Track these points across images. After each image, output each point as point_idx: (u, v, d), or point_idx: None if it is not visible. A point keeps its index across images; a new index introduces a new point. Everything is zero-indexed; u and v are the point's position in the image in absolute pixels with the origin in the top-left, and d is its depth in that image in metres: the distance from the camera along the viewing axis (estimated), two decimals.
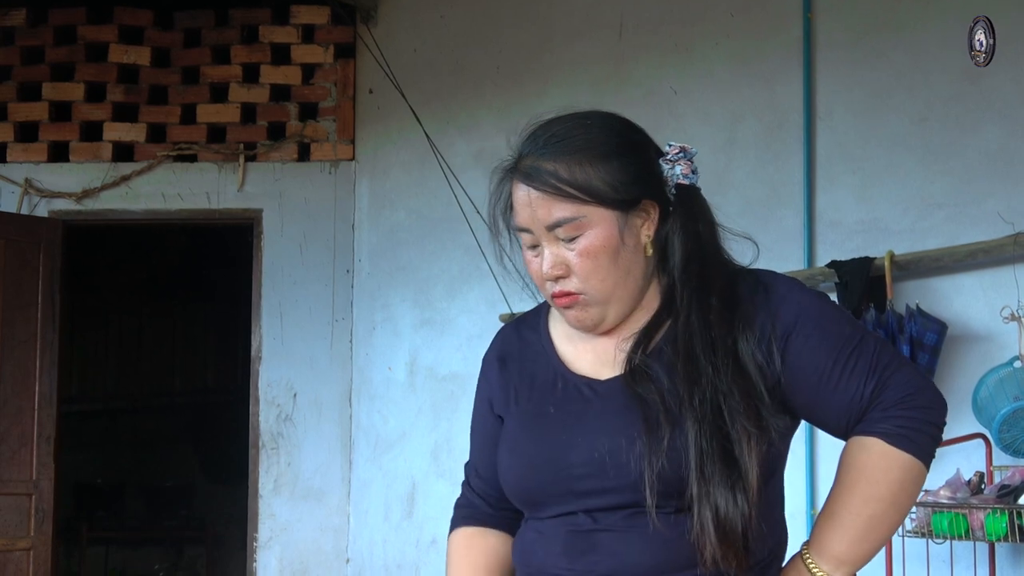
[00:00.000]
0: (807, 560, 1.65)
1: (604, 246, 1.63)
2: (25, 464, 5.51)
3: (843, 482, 1.65)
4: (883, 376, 1.63)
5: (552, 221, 1.63)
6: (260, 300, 5.88)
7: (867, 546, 1.64)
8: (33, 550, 5.48)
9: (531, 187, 1.64)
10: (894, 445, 1.61)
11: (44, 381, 5.60)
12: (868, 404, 1.63)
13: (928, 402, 1.65)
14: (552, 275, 1.66)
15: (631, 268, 1.66)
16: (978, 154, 4.33)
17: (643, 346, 1.66)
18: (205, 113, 5.95)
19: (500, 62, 5.55)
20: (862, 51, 4.61)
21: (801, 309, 1.65)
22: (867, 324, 4.18)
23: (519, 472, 1.70)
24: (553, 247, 1.65)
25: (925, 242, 4.35)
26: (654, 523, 1.57)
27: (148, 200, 5.91)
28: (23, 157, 5.90)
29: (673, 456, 1.56)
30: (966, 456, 4.12)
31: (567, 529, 1.64)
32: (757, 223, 4.80)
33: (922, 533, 3.92)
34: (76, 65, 5.96)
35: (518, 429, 1.72)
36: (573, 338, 1.74)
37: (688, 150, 1.71)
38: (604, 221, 1.63)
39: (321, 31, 5.98)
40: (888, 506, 1.63)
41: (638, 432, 1.58)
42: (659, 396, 1.59)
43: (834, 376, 1.63)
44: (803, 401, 1.65)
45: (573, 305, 1.67)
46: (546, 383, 1.72)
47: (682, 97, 5.03)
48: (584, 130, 1.66)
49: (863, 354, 1.64)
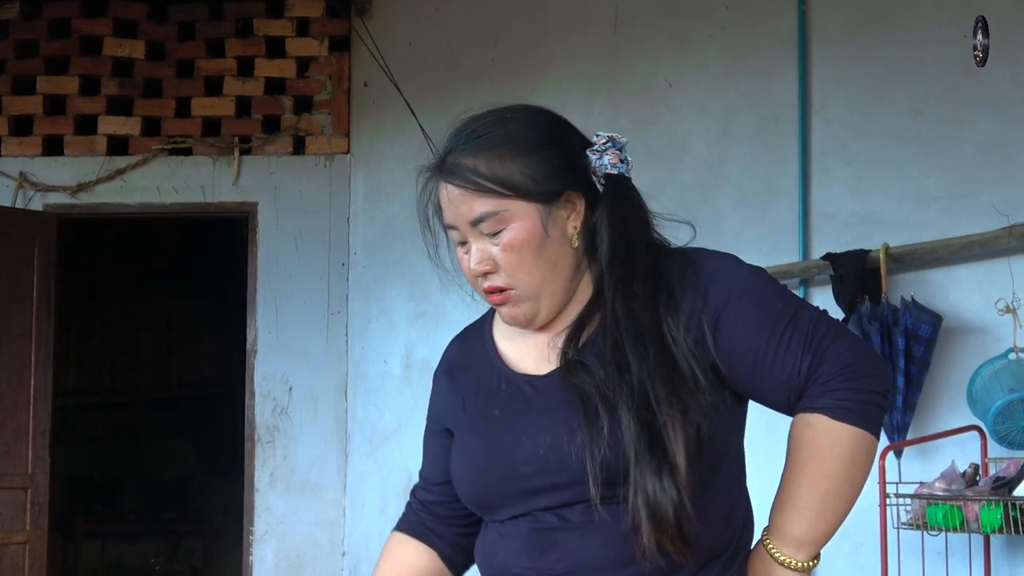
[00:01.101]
0: (768, 545, 1.64)
1: (527, 239, 1.62)
2: (21, 458, 5.51)
3: (793, 462, 1.63)
4: (820, 349, 1.60)
5: (474, 217, 1.63)
6: (255, 293, 5.87)
7: (825, 524, 1.62)
8: (29, 544, 5.48)
9: (452, 184, 1.64)
10: (838, 419, 1.59)
11: (39, 375, 5.60)
12: (807, 379, 1.60)
13: (868, 371, 1.61)
14: (480, 271, 1.66)
15: (558, 261, 1.65)
16: (973, 147, 4.33)
17: (575, 338, 1.64)
18: (200, 106, 5.94)
19: (495, 55, 5.54)
20: (857, 44, 4.61)
21: (732, 286, 1.63)
22: (862, 316, 4.18)
23: (470, 478, 1.69)
24: (479, 243, 1.65)
25: (920, 234, 4.36)
26: (600, 514, 1.56)
27: (143, 193, 5.90)
28: (17, 151, 5.89)
29: (613, 445, 1.54)
30: (961, 448, 4.13)
31: (528, 527, 1.63)
32: (752, 216, 4.80)
33: (917, 525, 3.93)
34: (70, 58, 5.95)
35: (467, 435, 1.72)
36: (514, 337, 1.73)
37: (617, 140, 1.70)
38: (526, 214, 1.62)
39: (316, 24, 5.98)
40: (841, 481, 1.61)
41: (578, 424, 1.57)
42: (595, 386, 1.58)
43: (769, 352, 1.60)
44: (743, 379, 1.62)
45: (504, 301, 1.67)
46: (491, 386, 1.71)
47: (677, 90, 5.03)
48: (504, 125, 1.66)
49: (798, 328, 1.61)
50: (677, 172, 4.99)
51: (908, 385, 4.13)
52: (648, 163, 5.01)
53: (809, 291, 4.64)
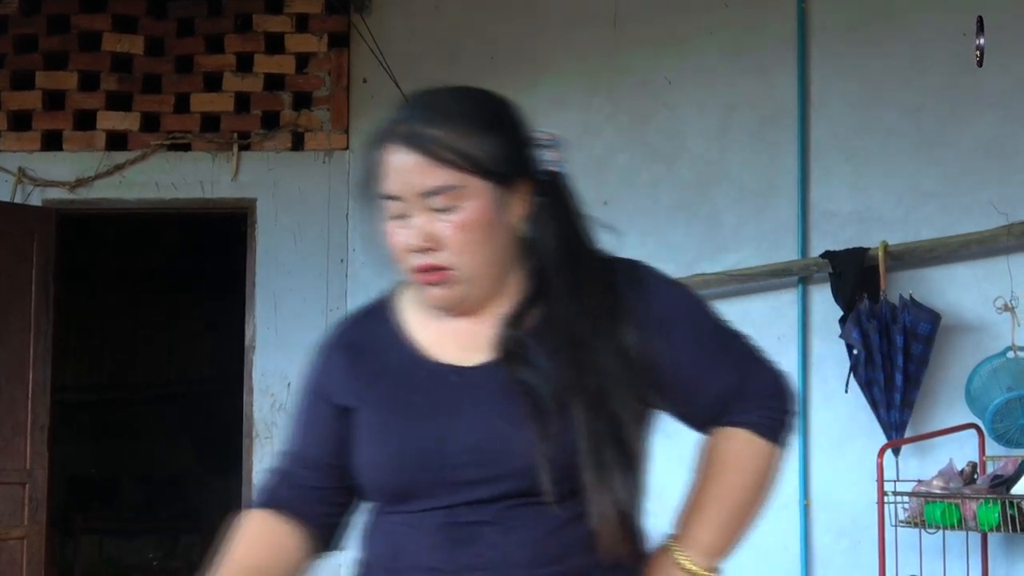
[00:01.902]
0: (676, 552, 1.65)
1: (480, 220, 1.56)
2: (19, 453, 5.50)
3: (710, 473, 1.66)
4: (749, 369, 1.66)
5: (429, 188, 1.55)
6: (254, 290, 5.87)
7: (733, 535, 1.66)
8: (27, 540, 5.47)
9: (411, 151, 1.56)
10: (760, 435, 1.64)
11: (38, 370, 5.59)
12: (732, 397, 1.65)
13: (786, 393, 1.69)
14: (420, 247, 1.58)
15: (500, 247, 1.60)
16: (972, 145, 4.33)
17: (512, 331, 1.61)
18: (199, 102, 5.93)
19: (494, 52, 5.54)
20: (857, 42, 4.61)
21: (674, 304, 1.65)
22: (861, 314, 4.18)
23: (388, 465, 1.61)
24: (424, 217, 1.57)
25: (919, 232, 4.36)
26: (526, 510, 1.55)
27: (142, 189, 5.90)
28: (16, 146, 5.88)
29: (564, 442, 1.53)
30: (959, 446, 4.13)
31: (444, 521, 1.57)
32: (751, 213, 4.80)
33: (915, 523, 3.93)
34: (69, 54, 5.94)
35: (380, 421, 1.63)
36: (428, 323, 1.66)
37: (558, 139, 1.67)
38: (483, 194, 1.56)
39: (315, 20, 5.97)
40: (753, 495, 1.66)
41: (523, 418, 1.54)
42: (543, 381, 1.55)
43: (704, 368, 1.64)
44: (671, 392, 1.63)
45: (440, 282, 1.59)
46: (406, 372, 1.64)
47: (676, 87, 5.03)
48: (466, 101, 1.61)
49: (730, 347, 1.67)
50: (676, 169, 4.98)
51: (906, 383, 4.14)
52: (647, 160, 5.02)
53: (808, 289, 4.64)
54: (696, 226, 4.88)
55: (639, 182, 4.98)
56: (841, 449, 4.51)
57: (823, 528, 4.56)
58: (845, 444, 4.50)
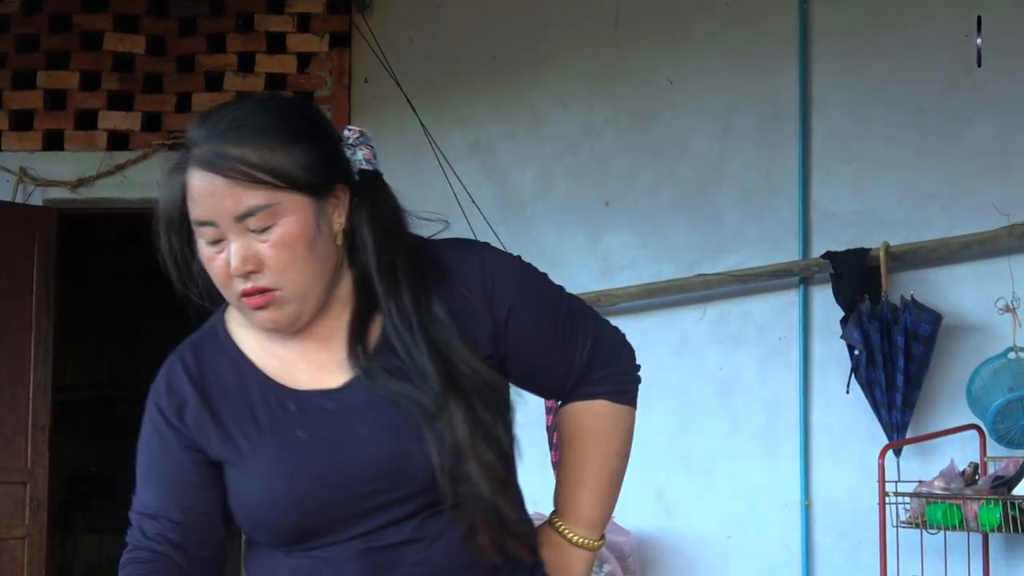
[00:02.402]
0: (561, 529, 1.66)
1: (300, 235, 1.49)
2: (20, 453, 5.50)
3: (580, 447, 1.66)
4: (594, 338, 1.64)
5: (242, 210, 1.47)
6: None
7: (612, 502, 1.68)
8: (28, 539, 5.47)
9: (216, 175, 1.47)
10: (618, 402, 1.65)
11: (39, 370, 5.59)
12: (585, 366, 1.64)
13: (628, 352, 1.68)
14: (243, 271, 1.49)
15: (326, 258, 1.53)
16: (973, 145, 4.33)
17: (363, 345, 1.54)
18: (200, 102, 5.92)
19: (496, 52, 5.54)
20: (858, 42, 4.61)
21: (515, 284, 1.60)
22: (862, 315, 4.18)
23: (287, 507, 1.52)
24: (242, 240, 1.48)
25: (920, 233, 4.36)
26: (441, 519, 1.52)
27: (143, 189, 5.88)
28: (17, 145, 5.88)
29: (440, 447, 1.50)
30: (960, 447, 4.13)
31: (359, 548, 1.52)
32: (752, 214, 4.80)
33: (916, 524, 3.93)
34: (71, 53, 5.94)
35: (268, 465, 1.53)
36: (270, 348, 1.58)
37: (367, 134, 1.60)
38: (299, 208, 1.49)
39: (316, 20, 5.96)
40: (622, 460, 1.68)
41: (410, 432, 1.50)
42: (415, 390, 1.51)
43: (555, 342, 1.61)
44: (523, 370, 1.61)
45: (267, 304, 1.51)
46: (275, 409, 1.55)
47: (678, 87, 5.03)
48: (267, 113, 1.52)
49: (575, 317, 1.64)
50: (677, 169, 4.98)
51: (907, 384, 4.14)
52: (648, 160, 5.02)
53: (809, 289, 4.64)
54: (697, 226, 4.88)
55: (640, 182, 4.97)
56: (842, 450, 4.51)
57: (824, 529, 4.56)
58: (846, 445, 4.50)
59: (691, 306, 4.65)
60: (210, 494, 1.60)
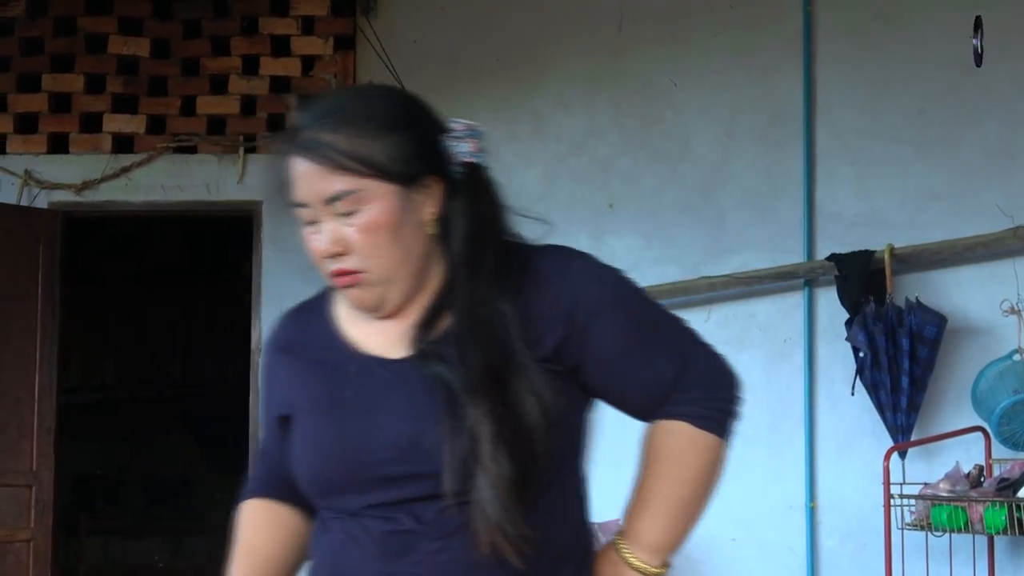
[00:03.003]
0: (621, 549, 1.62)
1: (384, 222, 1.56)
2: (25, 455, 5.51)
3: (652, 468, 1.62)
4: (684, 357, 1.62)
5: (330, 195, 1.56)
6: (260, 292, 5.87)
7: (680, 531, 1.63)
8: (33, 541, 5.48)
9: (308, 159, 1.57)
10: (701, 428, 1.60)
11: (44, 372, 5.60)
12: (671, 386, 1.61)
13: (729, 381, 1.65)
14: (331, 252, 1.58)
15: (413, 247, 1.59)
16: (977, 147, 4.33)
17: (429, 327, 1.60)
18: (205, 105, 5.94)
19: (499, 54, 5.54)
20: (861, 43, 4.61)
21: (601, 290, 1.61)
22: (867, 317, 4.18)
23: (318, 460, 1.62)
24: (332, 223, 1.58)
25: (924, 235, 4.36)
26: (451, 510, 1.52)
27: (148, 192, 5.90)
28: (22, 148, 5.89)
29: (466, 441, 1.51)
30: (965, 449, 4.13)
31: (382, 529, 1.56)
32: (756, 216, 4.80)
33: (921, 526, 3.93)
34: (75, 56, 5.95)
35: (314, 416, 1.64)
36: (359, 321, 1.65)
37: (476, 128, 1.65)
38: (384, 196, 1.56)
39: (321, 23, 5.97)
40: (698, 488, 1.63)
41: (440, 415, 1.53)
42: (453, 377, 1.54)
43: (635, 358, 1.60)
44: (603, 384, 1.61)
45: (354, 284, 1.59)
46: (338, 367, 1.64)
47: (681, 89, 5.03)
48: (364, 103, 1.61)
49: (663, 335, 1.63)
50: (680, 171, 4.98)
51: (912, 386, 4.13)
52: (651, 161, 5.02)
53: (814, 291, 4.64)
54: (701, 228, 4.88)
55: (644, 184, 4.98)
56: (847, 452, 4.51)
57: (829, 530, 4.56)
58: (851, 447, 4.50)
59: (695, 308, 4.64)
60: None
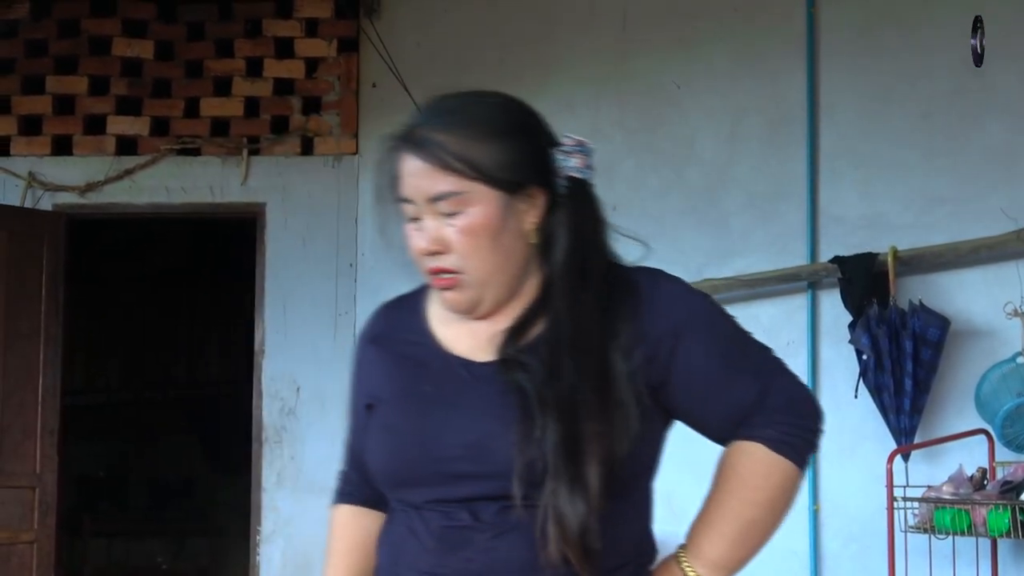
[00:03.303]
0: (683, 563, 1.63)
1: (485, 225, 1.59)
2: (29, 457, 5.52)
3: (723, 486, 1.64)
4: (767, 381, 1.64)
5: (435, 193, 1.59)
6: (263, 294, 5.88)
7: (744, 551, 1.64)
8: (36, 543, 5.49)
9: (418, 156, 1.60)
10: (777, 451, 1.62)
11: (47, 374, 5.61)
12: (751, 409, 1.62)
13: (810, 410, 1.65)
14: (431, 250, 1.61)
15: (511, 253, 1.62)
16: (981, 150, 4.33)
17: (518, 335, 1.62)
18: (208, 107, 5.95)
19: (503, 56, 5.55)
20: (865, 46, 4.61)
21: (689, 312, 1.63)
22: (870, 320, 4.18)
23: (389, 450, 1.65)
24: (434, 221, 1.60)
25: (928, 238, 4.35)
26: (517, 515, 1.54)
27: (151, 194, 5.91)
28: (26, 150, 5.90)
29: (540, 447, 1.53)
30: (968, 452, 4.12)
31: (441, 524, 1.59)
32: (760, 218, 4.80)
33: (924, 529, 3.93)
34: (79, 58, 5.96)
35: (392, 407, 1.67)
36: (450, 322, 1.69)
37: (586, 144, 1.67)
38: (487, 200, 1.58)
39: (324, 25, 5.98)
40: (767, 512, 1.64)
41: (513, 419, 1.55)
42: (534, 386, 1.56)
43: (720, 380, 1.62)
44: (684, 404, 1.63)
45: (450, 285, 1.62)
46: (422, 362, 1.67)
47: (685, 92, 5.03)
48: (479, 107, 1.63)
49: (749, 359, 1.65)
50: (684, 173, 4.99)
51: (916, 389, 4.13)
52: (655, 164, 5.02)
53: (817, 294, 4.64)
54: (705, 231, 4.88)
55: (648, 187, 4.98)
56: (850, 454, 4.50)
57: (832, 533, 4.55)
58: (854, 449, 4.49)
59: None
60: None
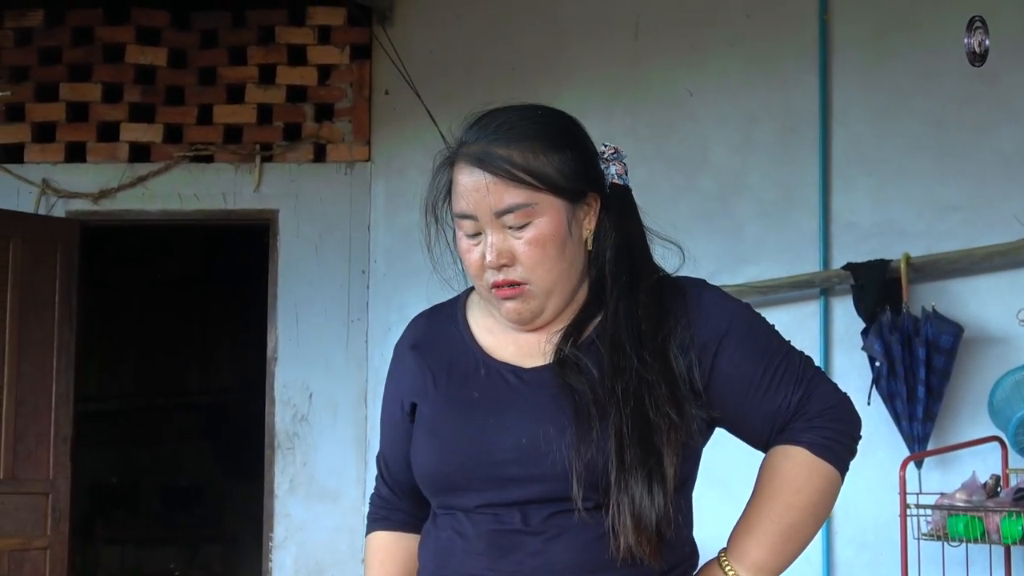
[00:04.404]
0: (724, 565, 1.65)
1: (553, 235, 1.62)
2: (42, 463, 5.53)
3: (765, 490, 1.66)
4: (808, 387, 1.67)
5: (503, 207, 1.61)
6: (276, 300, 5.89)
7: (785, 555, 1.65)
8: (50, 549, 5.51)
9: (484, 171, 1.61)
10: (818, 455, 1.64)
11: (61, 380, 5.63)
12: (792, 414, 1.65)
13: (849, 416, 1.69)
14: (497, 263, 1.63)
15: (574, 261, 1.66)
16: (994, 156, 4.32)
17: (573, 338, 1.65)
18: (221, 114, 5.97)
19: (515, 63, 5.56)
20: (878, 53, 4.61)
21: (732, 319, 1.67)
22: (883, 327, 4.17)
23: (439, 455, 1.65)
24: (499, 235, 1.62)
25: (941, 244, 4.34)
26: (580, 514, 1.56)
27: (164, 200, 5.93)
28: (40, 157, 5.93)
29: (601, 448, 1.55)
30: (982, 459, 4.11)
31: (490, 528, 1.60)
32: (772, 225, 4.80)
33: (937, 536, 3.91)
34: (93, 66, 5.99)
35: (439, 412, 1.69)
36: (494, 331, 1.71)
37: (620, 152, 1.73)
38: (554, 210, 1.62)
39: (337, 32, 6.00)
40: (808, 515, 1.66)
41: (568, 421, 1.57)
42: (589, 387, 1.58)
43: (762, 386, 1.65)
44: (729, 408, 1.66)
45: (516, 296, 1.64)
46: (467, 369, 1.69)
47: (697, 99, 5.03)
48: (534, 120, 1.66)
49: (790, 365, 1.67)
50: (697, 180, 4.98)
51: (929, 396, 4.12)
52: (668, 171, 5.02)
53: (830, 301, 4.63)
54: (717, 238, 4.87)
55: (660, 194, 4.97)
56: (863, 461, 4.45)
57: (845, 541, 4.54)
58: (867, 456, 4.45)
59: None
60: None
